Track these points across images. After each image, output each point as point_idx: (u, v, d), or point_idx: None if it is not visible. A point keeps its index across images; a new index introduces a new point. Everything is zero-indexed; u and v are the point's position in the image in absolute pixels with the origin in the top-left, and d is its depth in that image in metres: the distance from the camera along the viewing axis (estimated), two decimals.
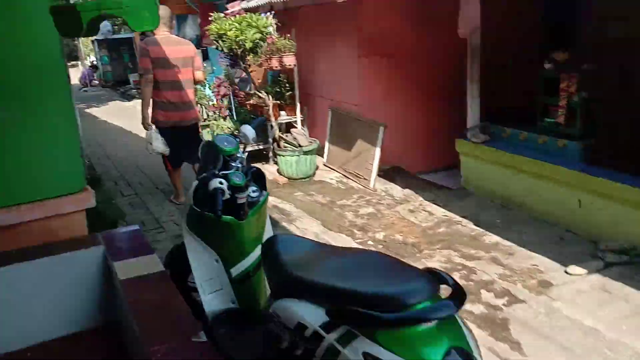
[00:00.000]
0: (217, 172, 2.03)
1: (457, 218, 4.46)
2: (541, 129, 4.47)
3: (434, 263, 3.67)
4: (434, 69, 5.73)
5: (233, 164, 2.08)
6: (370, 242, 4.07)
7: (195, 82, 4.93)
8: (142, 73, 4.64)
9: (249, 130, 2.20)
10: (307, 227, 4.41)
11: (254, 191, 2.11)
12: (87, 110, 12.79)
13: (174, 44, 4.67)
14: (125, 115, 11.17)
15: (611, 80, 4.20)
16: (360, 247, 3.98)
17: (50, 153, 2.73)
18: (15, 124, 2.60)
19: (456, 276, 3.49)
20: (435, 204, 4.80)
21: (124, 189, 5.79)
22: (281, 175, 5.90)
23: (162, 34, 4.60)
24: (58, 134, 2.73)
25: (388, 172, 5.63)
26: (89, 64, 22.09)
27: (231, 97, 3.08)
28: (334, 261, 1.67)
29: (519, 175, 4.47)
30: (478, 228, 4.24)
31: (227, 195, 1.97)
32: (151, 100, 4.71)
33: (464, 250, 3.87)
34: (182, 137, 4.74)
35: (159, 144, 4.63)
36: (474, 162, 4.94)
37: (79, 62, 25.69)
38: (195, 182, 2.08)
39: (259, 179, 2.22)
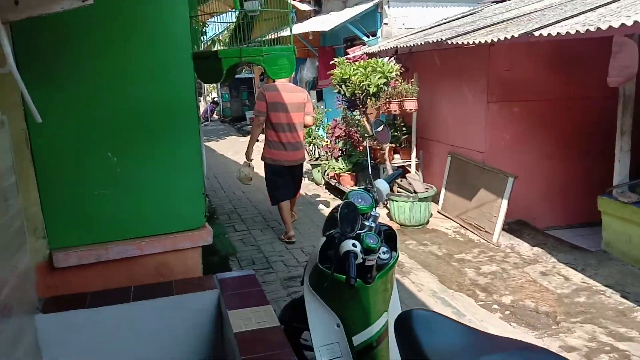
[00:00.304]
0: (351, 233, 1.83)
1: (600, 287, 3.87)
2: None
3: (576, 340, 3.15)
4: (575, 117, 5.24)
5: (366, 223, 1.88)
6: (495, 306, 3.64)
7: (305, 126, 5.15)
8: (256, 115, 4.98)
9: (383, 186, 2.00)
10: (423, 283, 4.07)
11: (384, 252, 1.89)
12: (207, 144, 13.55)
13: (289, 91, 4.95)
14: (241, 150, 11.58)
15: None
16: (485, 310, 3.58)
17: (175, 190, 2.74)
18: (145, 160, 2.64)
19: None
20: (571, 267, 4.22)
21: (237, 224, 5.86)
22: (392, 220, 5.63)
23: (281, 80, 4.86)
24: (185, 173, 2.74)
25: (512, 226, 5.13)
26: (211, 100, 23.68)
27: (367, 148, 2.96)
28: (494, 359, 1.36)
29: None
30: (626, 301, 3.63)
31: (360, 259, 1.76)
32: (263, 137, 5.09)
33: (610, 327, 3.30)
34: (287, 174, 5.07)
35: (245, 177, 5.06)
36: (619, 224, 4.30)
37: (202, 98, 27.74)
38: (323, 239, 1.90)
39: (390, 239, 1.99)
